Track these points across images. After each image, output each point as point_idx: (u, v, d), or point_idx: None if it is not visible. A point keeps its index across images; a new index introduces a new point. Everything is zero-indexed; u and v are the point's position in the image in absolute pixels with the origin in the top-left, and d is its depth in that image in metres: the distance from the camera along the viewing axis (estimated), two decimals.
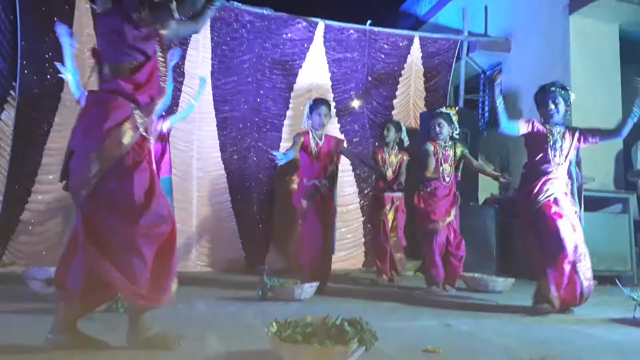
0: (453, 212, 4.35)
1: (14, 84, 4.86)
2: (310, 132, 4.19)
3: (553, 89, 3.44)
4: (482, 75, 7.88)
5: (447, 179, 4.33)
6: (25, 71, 4.90)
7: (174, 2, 2.09)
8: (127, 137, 2.02)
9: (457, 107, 4.97)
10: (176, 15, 2.13)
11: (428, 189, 4.32)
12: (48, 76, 5.00)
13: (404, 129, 5.14)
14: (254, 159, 5.80)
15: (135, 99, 2.08)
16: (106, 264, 1.94)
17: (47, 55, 5.00)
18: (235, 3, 5.57)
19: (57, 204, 4.92)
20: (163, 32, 2.15)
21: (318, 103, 4.25)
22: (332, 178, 4.20)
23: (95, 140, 2.00)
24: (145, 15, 2.06)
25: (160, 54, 2.18)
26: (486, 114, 7.91)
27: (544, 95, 3.47)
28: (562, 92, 3.45)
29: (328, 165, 4.12)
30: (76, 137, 2.10)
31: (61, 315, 1.99)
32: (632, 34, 6.30)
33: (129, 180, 2.01)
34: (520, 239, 5.53)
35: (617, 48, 6.28)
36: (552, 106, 3.42)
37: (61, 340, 1.98)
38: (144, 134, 2.09)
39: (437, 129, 4.37)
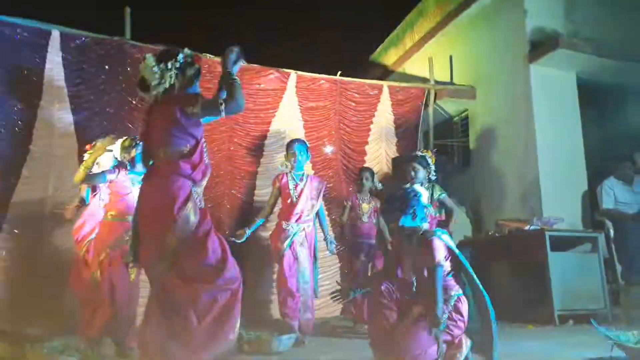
0: None
1: None
2: (289, 174, 4.21)
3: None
4: (451, 121, 8.13)
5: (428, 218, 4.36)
6: None
7: (222, 104, 2.30)
8: (193, 215, 2.25)
9: (434, 150, 5.08)
10: (222, 114, 2.34)
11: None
12: (16, 128, 4.92)
13: (375, 176, 5.31)
14: (227, 206, 5.76)
15: (193, 178, 2.30)
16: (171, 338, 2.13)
17: (15, 108, 4.95)
18: (208, 55, 5.67)
19: (23, 261, 4.71)
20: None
21: (290, 143, 4.37)
22: (312, 220, 4.19)
23: (166, 223, 2.20)
24: (197, 110, 2.29)
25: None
26: (455, 159, 8.11)
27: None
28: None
29: (307, 207, 4.12)
30: (145, 221, 2.30)
31: None
32: (588, 81, 6.67)
33: (205, 250, 2.23)
34: (495, 280, 5.59)
35: (575, 94, 6.63)
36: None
37: None
38: (202, 206, 2.33)
39: (412, 173, 4.42)
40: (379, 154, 6.67)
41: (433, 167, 4.48)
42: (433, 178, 4.48)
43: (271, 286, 5.66)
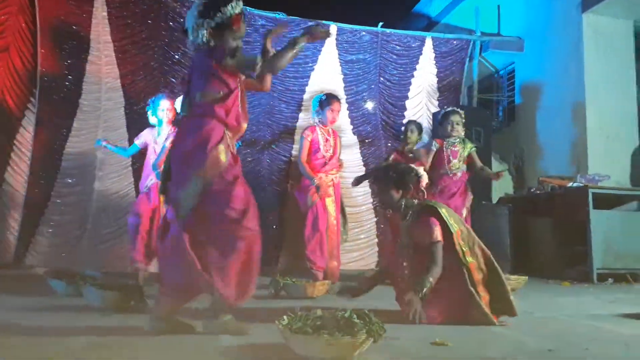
0: (464, 212, 4.33)
1: (34, 90, 5.01)
2: (317, 127, 4.24)
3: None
4: (496, 75, 7.86)
5: (458, 175, 4.35)
6: (45, 78, 5.05)
7: (259, 62, 2.30)
8: (224, 156, 2.28)
9: (463, 110, 4.92)
10: (257, 72, 2.35)
11: (438, 187, 4.33)
12: (66, 82, 5.15)
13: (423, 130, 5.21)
14: (267, 160, 5.87)
15: (226, 122, 2.33)
16: (203, 273, 2.18)
17: (65, 63, 5.16)
18: (248, 8, 5.66)
19: (75, 207, 5.05)
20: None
21: (331, 99, 4.28)
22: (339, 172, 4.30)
23: (197, 162, 2.25)
24: (231, 63, 2.30)
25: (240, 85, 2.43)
26: (500, 114, 7.88)
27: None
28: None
29: (337, 159, 4.21)
30: (176, 160, 2.34)
31: (161, 306, 2.27)
32: None
33: (230, 195, 2.26)
34: (535, 237, 5.53)
35: (631, 45, 6.24)
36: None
37: (159, 326, 2.23)
38: (234, 152, 2.36)
39: (455, 125, 4.38)
40: (420, 108, 6.56)
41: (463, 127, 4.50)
42: (461, 136, 4.49)
43: (302, 237, 5.83)
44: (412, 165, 2.93)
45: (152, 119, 4.21)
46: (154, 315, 2.28)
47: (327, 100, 4.28)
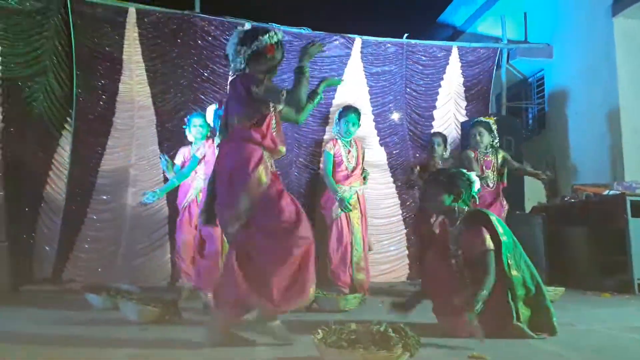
0: None
1: (70, 110, 5.18)
2: (338, 140, 4.27)
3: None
4: (525, 82, 7.75)
5: (491, 185, 4.31)
6: (81, 99, 5.21)
7: (284, 93, 2.41)
8: (264, 177, 2.41)
9: (494, 117, 4.84)
10: (281, 104, 2.50)
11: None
12: (101, 102, 5.30)
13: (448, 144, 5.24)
14: (295, 174, 5.90)
15: (264, 144, 2.46)
16: (251, 290, 2.27)
17: (99, 83, 5.32)
18: (273, 24, 5.74)
19: (110, 223, 5.17)
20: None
21: (347, 111, 4.35)
22: (363, 181, 4.31)
23: (241, 184, 2.38)
24: (259, 91, 2.42)
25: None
26: (530, 121, 7.75)
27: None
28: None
29: (360, 169, 4.23)
30: (221, 183, 2.45)
31: (217, 321, 2.34)
32: None
33: (278, 208, 2.36)
34: (570, 247, 5.38)
35: None
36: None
37: (216, 339, 2.29)
38: (273, 170, 2.50)
39: (478, 137, 4.39)
40: (448, 118, 6.52)
41: (496, 134, 4.43)
42: (496, 144, 4.44)
43: (327, 251, 5.81)
44: (464, 170, 2.90)
45: (190, 137, 4.31)
46: (210, 329, 2.34)
47: (343, 111, 4.38)
